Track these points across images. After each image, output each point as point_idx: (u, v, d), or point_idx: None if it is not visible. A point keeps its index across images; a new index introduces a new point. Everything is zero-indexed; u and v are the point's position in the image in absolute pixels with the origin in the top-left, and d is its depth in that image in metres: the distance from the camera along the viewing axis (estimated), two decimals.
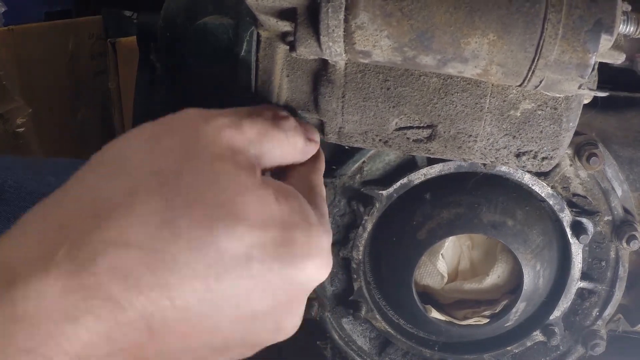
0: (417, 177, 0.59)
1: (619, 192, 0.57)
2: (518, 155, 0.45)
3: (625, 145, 0.58)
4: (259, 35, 0.45)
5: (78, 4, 1.63)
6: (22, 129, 1.18)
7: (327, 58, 0.40)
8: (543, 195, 0.58)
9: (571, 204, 0.58)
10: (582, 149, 0.55)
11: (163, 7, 0.51)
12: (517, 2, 0.34)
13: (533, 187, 0.58)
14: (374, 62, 0.39)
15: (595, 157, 0.54)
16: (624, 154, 0.58)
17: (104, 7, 1.49)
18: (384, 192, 0.59)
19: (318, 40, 0.37)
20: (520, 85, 0.38)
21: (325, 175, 0.59)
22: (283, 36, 0.44)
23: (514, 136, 0.44)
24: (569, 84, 0.36)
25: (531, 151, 0.45)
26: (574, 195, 0.58)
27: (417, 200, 0.59)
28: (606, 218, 0.58)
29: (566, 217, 0.58)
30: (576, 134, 0.46)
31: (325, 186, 0.59)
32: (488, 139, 0.45)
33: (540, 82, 0.36)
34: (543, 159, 0.45)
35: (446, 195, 0.59)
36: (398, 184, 0.59)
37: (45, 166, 0.77)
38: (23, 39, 1.20)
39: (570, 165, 0.57)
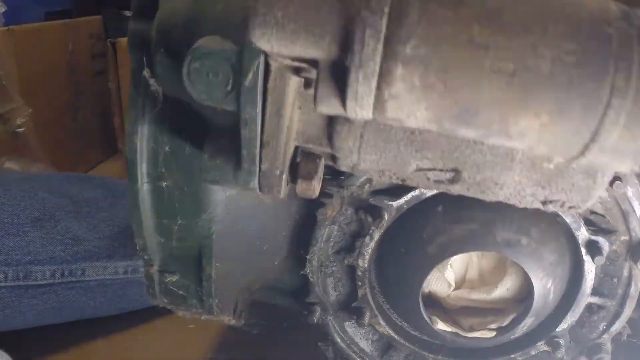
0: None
1: (639, 213, 0.55)
2: (544, 203, 0.42)
3: None
4: (268, 65, 0.40)
5: (78, 4, 1.58)
6: (22, 129, 1.15)
7: (351, 118, 0.35)
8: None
9: (588, 222, 0.56)
10: None
11: (156, 16, 0.45)
12: (578, 83, 0.30)
13: None
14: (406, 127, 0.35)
15: (619, 181, 0.51)
16: None
17: (104, 7, 1.44)
18: (394, 203, 0.56)
19: (343, 102, 0.33)
20: (565, 161, 0.34)
21: (332, 185, 0.57)
22: (297, 70, 0.39)
23: (544, 187, 0.41)
24: (620, 167, 0.33)
25: (559, 201, 0.42)
26: (592, 213, 0.56)
27: (428, 212, 0.57)
28: (623, 238, 0.56)
29: (582, 235, 0.56)
30: None
31: (332, 196, 0.57)
32: (515, 187, 0.41)
33: (589, 163, 0.33)
34: (570, 207, 0.42)
35: (459, 210, 0.56)
36: (409, 195, 0.56)
37: (38, 181, 0.74)
38: (23, 39, 1.16)
39: None
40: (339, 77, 0.32)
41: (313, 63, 0.34)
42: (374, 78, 0.31)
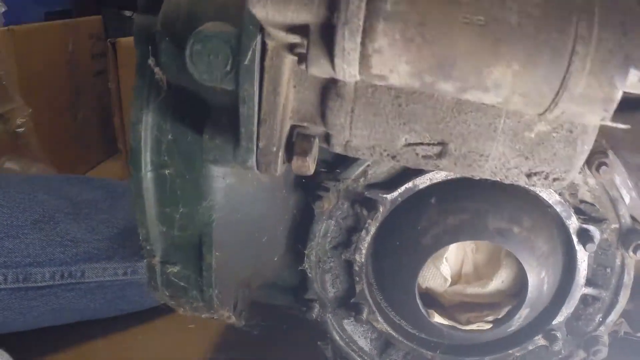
0: (423, 181, 0.57)
1: (627, 200, 0.56)
2: (529, 175, 0.44)
3: (635, 152, 0.57)
4: (264, 44, 0.42)
5: (78, 4, 1.62)
6: (22, 129, 1.17)
7: (339, 78, 0.38)
8: (550, 202, 0.57)
9: (578, 211, 0.57)
10: (592, 157, 0.54)
11: (161, 10, 0.49)
12: (544, 32, 0.33)
13: (540, 193, 0.57)
14: (389, 85, 0.38)
15: (606, 166, 0.53)
16: (633, 160, 0.57)
17: (104, 7, 1.47)
18: (389, 196, 0.58)
19: (332, 61, 0.36)
20: (540, 115, 0.36)
21: (328, 179, 0.59)
22: (291, 47, 0.41)
23: (527, 157, 0.43)
24: (592, 116, 0.35)
25: (543, 172, 0.44)
26: (582, 202, 0.57)
27: (422, 204, 0.58)
28: (613, 226, 0.57)
29: (573, 224, 0.57)
30: None
31: (328, 190, 0.58)
32: (500, 158, 0.43)
33: (562, 113, 0.35)
34: (554, 179, 0.44)
35: (452, 201, 0.58)
36: (403, 188, 0.58)
37: (37, 183, 0.76)
38: (23, 39, 1.18)
39: (579, 172, 0.56)
40: (327, 38, 0.35)
41: (305, 31, 0.37)
42: (358, 34, 0.34)
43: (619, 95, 0.34)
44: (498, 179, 0.46)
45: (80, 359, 0.73)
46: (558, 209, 0.57)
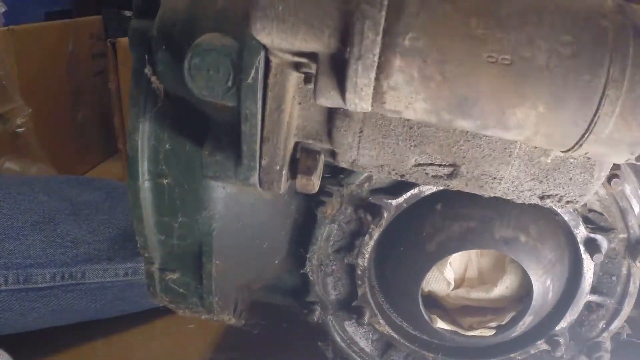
0: (429, 187, 0.56)
1: (637, 210, 0.55)
2: (542, 198, 0.43)
3: None
4: (268, 61, 0.40)
5: (78, 4, 1.59)
6: (22, 129, 1.15)
7: (350, 110, 0.36)
8: (558, 210, 0.55)
9: (587, 220, 0.56)
10: None
11: (158, 15, 0.46)
12: (574, 74, 0.30)
13: None
14: (404, 118, 0.36)
15: (617, 178, 0.52)
16: None
17: (104, 7, 1.44)
18: (394, 202, 0.57)
19: (342, 94, 0.33)
20: (563, 153, 0.34)
21: (332, 184, 0.57)
22: (297, 65, 0.39)
23: (541, 181, 0.41)
24: (617, 157, 0.33)
25: (557, 195, 0.42)
26: (590, 211, 0.56)
27: (427, 211, 0.57)
28: (621, 235, 0.56)
29: (580, 233, 0.56)
30: None
31: (332, 195, 0.57)
32: (513, 182, 0.42)
33: (586, 153, 0.33)
34: (567, 202, 0.43)
35: (458, 208, 0.56)
36: (408, 194, 0.56)
37: (37, 184, 0.74)
38: (23, 39, 1.16)
39: None
40: (338, 69, 0.33)
41: (313, 57, 0.35)
42: (372, 70, 0.31)
43: None
44: (509, 199, 0.45)
45: (81, 358, 0.73)
46: (566, 217, 0.56)
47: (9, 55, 1.13)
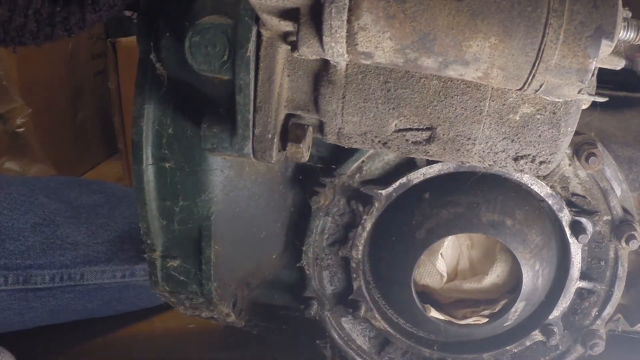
0: (417, 176, 0.59)
1: (618, 192, 0.57)
2: (516, 159, 0.46)
3: (625, 145, 0.58)
4: (260, 35, 0.45)
5: None
6: (22, 129, 1.18)
7: (329, 58, 0.40)
8: (542, 194, 0.58)
9: (570, 204, 0.58)
10: (580, 148, 0.55)
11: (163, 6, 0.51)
12: (519, 6, 0.35)
13: (532, 187, 0.58)
14: (376, 64, 0.40)
15: (594, 156, 0.54)
16: (623, 153, 0.59)
17: None
18: (383, 192, 0.59)
19: (320, 40, 0.38)
20: (520, 89, 0.38)
21: (324, 175, 0.60)
22: (285, 36, 0.44)
23: (513, 140, 0.44)
24: (569, 88, 0.36)
25: (529, 155, 0.45)
26: (573, 194, 0.58)
27: (416, 199, 0.59)
28: (605, 218, 0.58)
29: (565, 216, 0.58)
30: (575, 133, 0.46)
31: (325, 185, 0.60)
32: (487, 142, 0.45)
33: (541, 86, 0.37)
34: (541, 162, 0.45)
35: (445, 195, 0.59)
36: (397, 183, 0.59)
37: (37, 186, 0.78)
38: None
39: (569, 165, 0.57)
40: (316, 18, 0.37)
41: (295, 15, 0.39)
42: (344, 11, 0.36)
43: (592, 66, 0.35)
44: (487, 165, 0.47)
45: (81, 358, 0.74)
46: (550, 201, 0.58)
47: (9, 55, 1.14)
